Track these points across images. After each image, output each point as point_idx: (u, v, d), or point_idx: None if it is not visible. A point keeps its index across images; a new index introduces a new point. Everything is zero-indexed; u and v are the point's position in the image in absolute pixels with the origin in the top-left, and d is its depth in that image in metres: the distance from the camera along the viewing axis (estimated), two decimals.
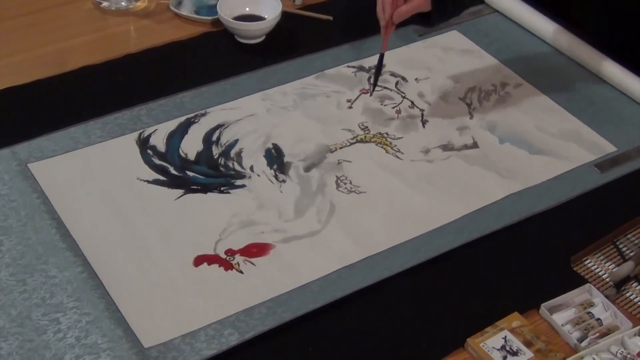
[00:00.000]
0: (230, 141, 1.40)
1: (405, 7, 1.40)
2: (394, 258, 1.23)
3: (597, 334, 1.15)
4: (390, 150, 1.41)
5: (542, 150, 1.43)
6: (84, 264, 1.18)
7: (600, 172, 1.40)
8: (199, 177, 1.33)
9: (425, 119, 1.48)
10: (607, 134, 1.47)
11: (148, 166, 1.34)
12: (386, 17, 1.41)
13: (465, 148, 1.43)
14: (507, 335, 1.13)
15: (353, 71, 1.56)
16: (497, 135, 1.46)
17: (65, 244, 1.20)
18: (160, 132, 1.40)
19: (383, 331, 1.15)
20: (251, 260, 1.21)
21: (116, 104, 1.44)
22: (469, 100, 1.53)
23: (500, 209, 1.32)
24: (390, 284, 1.20)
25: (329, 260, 1.22)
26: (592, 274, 1.24)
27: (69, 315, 1.12)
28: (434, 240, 1.26)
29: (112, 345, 1.08)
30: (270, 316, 1.14)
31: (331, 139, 1.42)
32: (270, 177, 1.34)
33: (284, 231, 1.26)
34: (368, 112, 1.48)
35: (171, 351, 1.09)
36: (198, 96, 1.48)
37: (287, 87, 1.51)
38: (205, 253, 1.22)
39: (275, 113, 1.46)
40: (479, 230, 1.28)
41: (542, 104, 1.53)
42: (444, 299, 1.19)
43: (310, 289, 1.18)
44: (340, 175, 1.36)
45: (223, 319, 1.13)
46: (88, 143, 1.37)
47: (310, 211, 1.30)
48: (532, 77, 1.58)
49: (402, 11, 1.40)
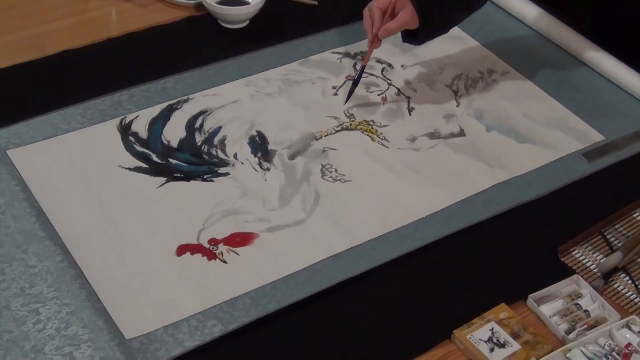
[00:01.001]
0: (214, 128, 1.38)
1: (393, 24, 1.39)
2: (380, 248, 1.22)
3: (584, 325, 1.14)
4: (376, 138, 1.40)
5: (529, 139, 1.43)
6: (64, 253, 1.16)
7: (588, 161, 1.40)
8: (182, 164, 1.32)
9: (411, 106, 1.47)
10: (594, 123, 1.47)
11: (130, 153, 1.32)
12: (374, 31, 1.41)
13: (452, 136, 1.42)
14: (494, 327, 1.12)
15: (338, 57, 1.55)
16: (484, 124, 1.45)
17: (45, 232, 1.18)
18: (142, 119, 1.38)
19: (369, 322, 1.14)
20: (235, 250, 1.20)
21: (97, 90, 1.42)
22: (456, 88, 1.52)
23: (487, 199, 1.31)
24: (376, 275, 1.19)
25: (314, 250, 1.21)
26: (579, 264, 1.24)
27: (48, 305, 1.10)
28: (420, 230, 1.25)
29: (93, 336, 1.07)
30: (254, 307, 1.13)
31: (316, 126, 1.41)
32: (254, 165, 1.33)
33: (268, 220, 1.25)
34: (354, 100, 1.46)
35: (153, 343, 1.08)
36: (181, 82, 1.46)
37: (271, 73, 1.50)
38: (188, 242, 1.20)
39: (260, 99, 1.44)
40: (466, 220, 1.27)
41: (530, 92, 1.52)
42: (430, 289, 1.18)
43: (295, 280, 1.17)
44: (325, 163, 1.34)
45: (206, 310, 1.12)
46: (68, 129, 1.35)
47: (295, 200, 1.28)
48: (520, 65, 1.57)
49: (389, 28, 1.39)
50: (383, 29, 1.40)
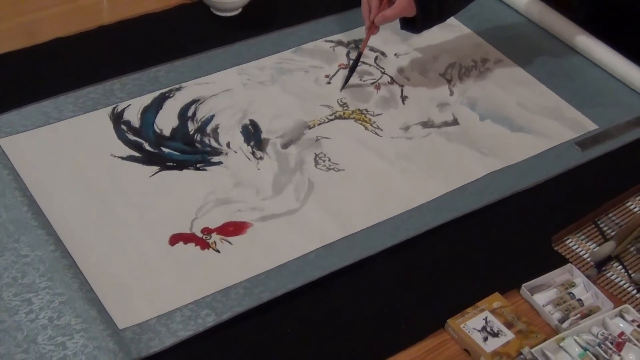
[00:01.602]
0: (206, 117, 1.38)
1: (390, 11, 1.39)
2: (373, 237, 1.22)
3: (578, 314, 1.14)
4: (370, 127, 1.40)
5: (522, 128, 1.43)
6: (57, 243, 1.16)
7: (582, 150, 1.40)
8: (175, 153, 1.31)
9: (404, 95, 1.47)
10: (588, 112, 1.47)
11: (122, 142, 1.32)
12: (371, 18, 1.41)
13: (446, 125, 1.42)
14: (487, 316, 1.13)
15: (331, 46, 1.54)
16: (478, 112, 1.45)
17: (37, 221, 1.18)
18: (134, 107, 1.38)
19: (362, 312, 1.14)
20: (228, 239, 1.20)
21: (89, 78, 1.41)
22: (449, 76, 1.51)
23: (481, 188, 1.31)
24: (369, 264, 1.19)
25: (307, 239, 1.21)
26: (573, 253, 1.24)
27: (41, 295, 1.10)
28: (413, 219, 1.25)
29: (86, 326, 1.07)
30: (247, 296, 1.13)
31: (309, 115, 1.40)
32: (247, 154, 1.33)
33: (262, 209, 1.24)
34: (347, 88, 1.46)
35: (146, 332, 1.08)
36: (173, 70, 1.45)
37: (264, 62, 1.49)
38: (181, 232, 1.20)
39: (252, 88, 1.44)
40: (459, 209, 1.28)
41: (523, 81, 1.52)
42: (424, 279, 1.18)
43: (288, 269, 1.17)
44: (318, 152, 1.34)
45: (199, 300, 1.12)
46: (60, 118, 1.34)
47: (288, 189, 1.28)
48: (513, 53, 1.57)
49: (386, 14, 1.39)
50: (380, 16, 1.40)
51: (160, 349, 1.06)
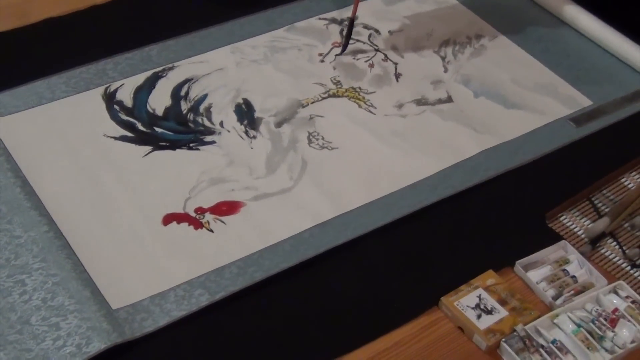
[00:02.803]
0: (199, 96, 1.37)
1: None
2: (367, 216, 1.22)
3: (572, 291, 1.14)
4: (363, 105, 1.39)
5: (517, 105, 1.42)
6: (50, 224, 1.15)
7: (576, 127, 1.39)
8: (168, 133, 1.31)
9: (398, 72, 1.46)
10: (583, 88, 1.46)
11: (115, 122, 1.32)
12: None
13: (440, 102, 1.41)
14: (481, 293, 1.12)
15: (325, 24, 1.54)
16: (472, 89, 1.44)
17: (30, 202, 1.18)
18: (127, 87, 1.37)
19: (356, 290, 1.14)
20: (221, 219, 1.20)
21: (81, 58, 1.40)
22: (444, 54, 1.51)
23: (475, 165, 1.31)
24: (363, 242, 1.19)
25: (301, 218, 1.20)
26: (567, 230, 1.24)
27: (34, 276, 1.10)
28: (407, 197, 1.25)
29: (80, 307, 1.06)
30: (241, 276, 1.13)
31: (303, 93, 1.40)
32: (240, 133, 1.32)
33: (255, 188, 1.24)
34: (340, 66, 1.45)
35: (140, 312, 1.08)
36: (165, 49, 1.44)
37: (257, 40, 1.48)
38: (175, 211, 1.20)
39: (246, 67, 1.43)
40: (453, 186, 1.27)
41: (518, 57, 1.51)
42: (417, 257, 1.18)
43: (281, 248, 1.16)
44: (312, 130, 1.34)
45: (193, 279, 1.12)
46: (52, 98, 1.34)
47: (282, 168, 1.28)
48: (508, 30, 1.56)
49: None
50: None
51: (153, 329, 1.06)
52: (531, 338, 1.08)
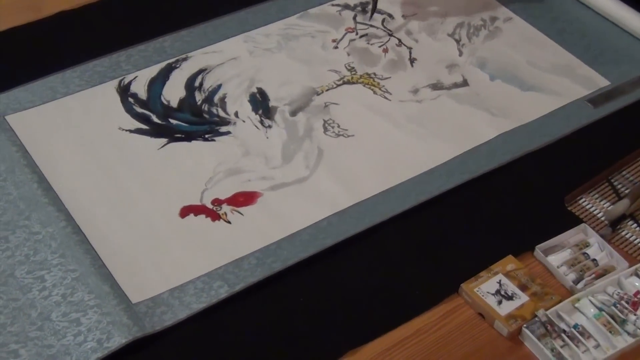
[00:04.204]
0: (214, 86, 1.37)
1: None
2: (384, 203, 1.21)
3: (593, 275, 1.14)
4: (378, 91, 1.38)
5: (533, 87, 1.41)
6: (68, 219, 1.16)
7: (594, 108, 1.38)
8: (183, 124, 1.31)
9: (413, 57, 1.45)
10: (600, 68, 1.45)
11: (129, 115, 1.32)
12: None
13: (455, 87, 1.40)
14: (501, 279, 1.12)
15: (338, 10, 1.53)
16: (488, 72, 1.43)
17: (47, 198, 1.18)
18: (141, 79, 1.37)
19: (375, 278, 1.13)
20: (239, 210, 1.20)
21: (94, 51, 1.40)
22: (458, 37, 1.50)
23: (492, 149, 1.30)
24: (381, 230, 1.19)
25: (318, 207, 1.20)
26: (587, 213, 1.23)
27: (53, 272, 1.10)
28: (425, 183, 1.24)
29: (99, 302, 1.07)
30: (259, 267, 1.13)
31: (317, 81, 1.39)
32: (255, 123, 1.32)
33: (272, 178, 1.24)
34: (354, 52, 1.45)
35: (160, 306, 1.08)
36: (178, 40, 1.44)
37: (270, 28, 1.48)
38: (192, 204, 1.20)
39: (259, 55, 1.43)
40: (471, 171, 1.27)
41: (533, 38, 1.50)
42: (436, 243, 1.18)
43: (300, 238, 1.16)
44: (327, 118, 1.33)
45: (212, 272, 1.12)
46: (67, 92, 1.34)
47: (298, 157, 1.27)
48: (523, 10, 1.55)
49: None
50: None
51: (173, 322, 1.07)
52: (553, 323, 1.08)
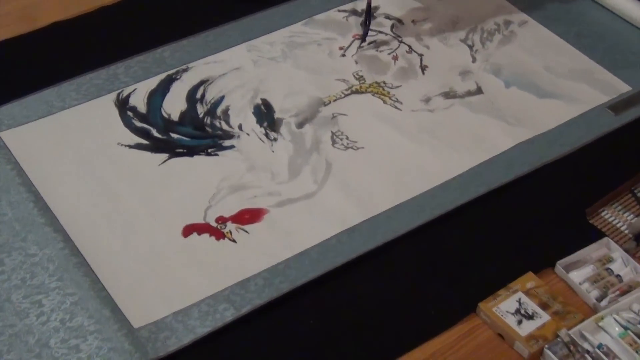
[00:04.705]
0: (216, 98, 1.37)
1: None
2: (397, 218, 1.21)
3: (617, 291, 1.13)
4: (389, 101, 1.38)
5: (551, 93, 1.40)
6: (66, 240, 1.15)
7: (615, 114, 1.37)
8: (184, 138, 1.31)
9: (424, 64, 1.45)
10: (620, 73, 1.44)
11: (129, 129, 1.31)
12: None
13: (469, 94, 1.40)
14: (521, 297, 1.11)
15: (344, 16, 1.52)
16: (503, 79, 1.43)
17: (44, 218, 1.17)
18: (140, 92, 1.37)
19: (389, 298, 1.13)
20: (244, 228, 1.19)
21: (91, 63, 1.40)
22: (471, 42, 1.49)
23: (509, 160, 1.30)
24: (394, 247, 1.18)
25: (327, 224, 1.20)
26: (609, 226, 1.22)
27: (51, 296, 1.10)
28: (439, 196, 1.24)
29: (100, 327, 1.06)
30: (267, 288, 1.12)
31: (324, 90, 1.39)
32: (260, 136, 1.31)
33: (278, 194, 1.23)
34: (363, 60, 1.44)
35: (163, 330, 1.07)
36: (179, 50, 1.44)
37: (274, 36, 1.48)
38: (195, 222, 1.19)
39: (263, 65, 1.42)
40: (487, 183, 1.26)
41: (550, 43, 1.50)
42: (452, 260, 1.17)
43: (308, 256, 1.16)
44: (335, 130, 1.33)
45: (217, 293, 1.11)
46: (63, 107, 1.34)
47: (305, 171, 1.27)
48: (538, 13, 1.55)
49: None
50: None
51: (177, 347, 1.06)
52: (576, 343, 1.07)
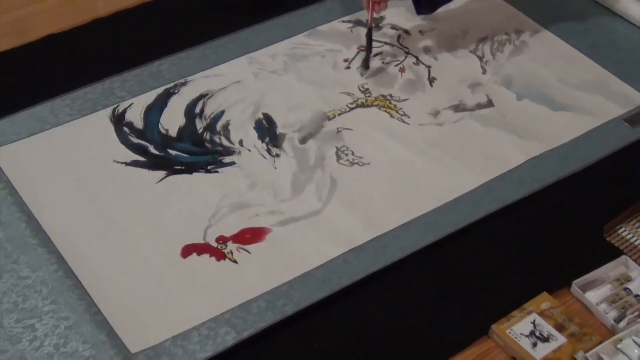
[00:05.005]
0: (216, 113, 1.37)
1: None
2: (405, 237, 1.21)
3: (636, 312, 1.13)
4: (395, 114, 1.39)
5: (565, 106, 1.41)
6: (59, 262, 1.16)
7: (631, 127, 1.38)
8: (183, 155, 1.31)
9: (432, 76, 1.45)
10: (636, 83, 1.45)
11: (125, 146, 1.32)
12: None
13: (479, 107, 1.40)
14: (536, 319, 1.11)
15: (349, 26, 1.53)
16: (514, 91, 1.44)
17: (37, 239, 1.18)
18: (137, 107, 1.38)
19: (397, 321, 1.13)
20: (245, 248, 1.19)
21: (85, 77, 1.41)
22: (481, 53, 1.50)
23: (522, 175, 1.30)
24: (402, 267, 1.18)
25: (332, 243, 1.20)
26: (627, 244, 1.22)
27: (45, 320, 1.10)
28: (449, 214, 1.24)
29: (95, 352, 1.07)
30: (270, 310, 1.12)
31: (328, 104, 1.40)
32: (262, 152, 1.32)
33: (281, 213, 1.24)
34: (368, 72, 1.45)
35: (161, 356, 1.07)
36: (177, 63, 1.45)
37: (276, 48, 1.49)
38: (194, 242, 1.20)
39: (264, 78, 1.43)
40: (499, 200, 1.26)
41: (563, 53, 1.51)
42: (463, 281, 1.17)
43: (313, 277, 1.16)
44: (340, 145, 1.33)
45: (217, 316, 1.12)
46: (56, 123, 1.34)
47: (309, 188, 1.27)
48: (551, 23, 1.56)
49: None
50: None
51: None
52: None
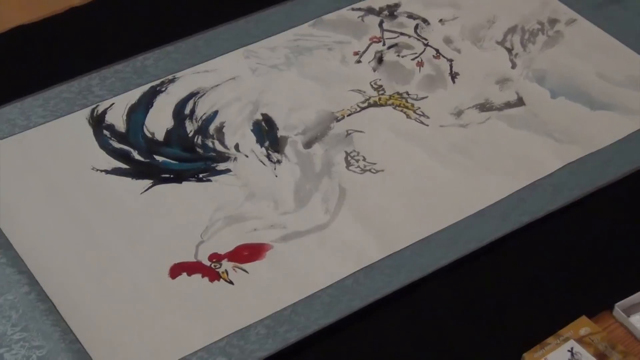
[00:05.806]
0: (208, 114, 1.38)
1: None
2: (424, 254, 1.21)
3: None
4: (413, 115, 1.39)
5: (606, 105, 1.42)
6: (31, 283, 1.16)
7: None
8: (171, 162, 1.32)
9: (455, 71, 1.46)
10: None
11: (105, 151, 1.33)
12: None
13: (508, 106, 1.41)
14: (574, 346, 1.11)
15: (359, 15, 1.54)
16: (548, 88, 1.44)
17: (5, 258, 1.18)
18: (119, 107, 1.38)
19: (415, 349, 1.13)
20: (242, 267, 1.20)
21: (60, 73, 1.42)
22: (510, 44, 1.51)
23: (557, 183, 1.30)
24: (421, 288, 1.19)
25: (341, 261, 1.20)
26: None
27: (15, 350, 1.10)
28: (474, 228, 1.25)
29: None
30: (270, 338, 1.12)
31: (336, 104, 1.40)
32: (261, 158, 1.33)
33: (283, 227, 1.24)
34: (382, 67, 1.45)
35: None
36: (164, 57, 1.46)
37: (277, 40, 1.49)
38: (184, 260, 1.20)
39: (263, 74, 1.44)
40: (531, 212, 1.27)
41: (603, 45, 1.51)
42: (491, 303, 1.17)
43: (319, 300, 1.16)
44: (350, 150, 1.34)
45: (211, 345, 1.12)
46: (27, 126, 1.35)
47: (315, 199, 1.28)
48: (589, 10, 1.56)
49: None
50: None
51: None
52: None
